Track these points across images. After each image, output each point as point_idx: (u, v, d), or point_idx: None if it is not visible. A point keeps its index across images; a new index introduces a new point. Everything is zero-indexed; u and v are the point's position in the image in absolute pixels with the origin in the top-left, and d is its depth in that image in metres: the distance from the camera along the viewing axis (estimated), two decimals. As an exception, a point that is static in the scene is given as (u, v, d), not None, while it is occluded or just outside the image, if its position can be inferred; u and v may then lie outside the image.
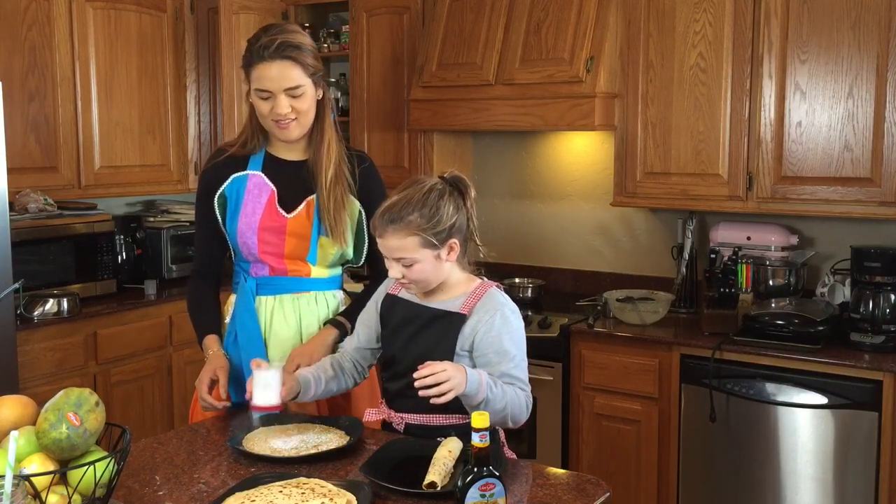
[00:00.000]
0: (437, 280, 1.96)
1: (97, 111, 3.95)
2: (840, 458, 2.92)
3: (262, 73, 2.15)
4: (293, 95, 2.17)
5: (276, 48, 2.13)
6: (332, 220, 2.23)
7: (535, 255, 4.17)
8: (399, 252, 1.90)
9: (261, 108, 2.19)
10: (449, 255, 1.94)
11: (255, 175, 2.28)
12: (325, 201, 2.23)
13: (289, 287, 2.29)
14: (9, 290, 2.25)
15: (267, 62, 2.13)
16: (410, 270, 1.92)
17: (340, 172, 2.26)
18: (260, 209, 2.25)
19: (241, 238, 2.27)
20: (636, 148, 3.49)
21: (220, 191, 2.29)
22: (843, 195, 3.10)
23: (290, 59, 2.14)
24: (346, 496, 1.63)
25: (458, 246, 1.94)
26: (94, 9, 3.93)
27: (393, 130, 4.12)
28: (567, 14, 3.48)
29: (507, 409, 1.88)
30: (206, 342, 2.29)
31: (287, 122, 2.19)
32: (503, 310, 1.94)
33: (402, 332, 2.01)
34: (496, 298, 1.97)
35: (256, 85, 2.16)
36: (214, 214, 2.30)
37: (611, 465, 3.35)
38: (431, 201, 1.90)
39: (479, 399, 1.82)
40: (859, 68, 3.03)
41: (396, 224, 1.88)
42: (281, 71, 2.14)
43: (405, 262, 1.91)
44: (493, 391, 1.84)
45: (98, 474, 1.47)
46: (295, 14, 4.44)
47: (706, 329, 3.21)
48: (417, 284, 1.96)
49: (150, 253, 4.24)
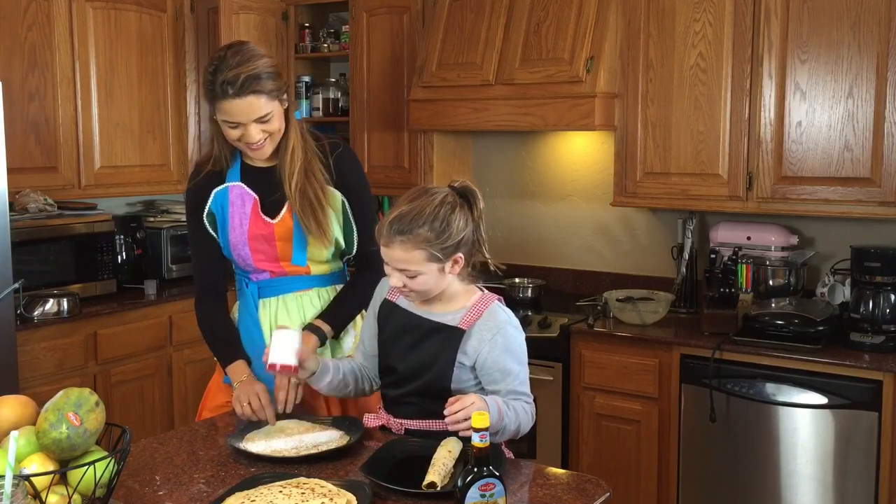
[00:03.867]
0: (438, 290, 1.95)
1: (97, 111, 3.95)
2: (840, 458, 2.92)
3: (228, 109, 2.11)
4: (262, 121, 2.14)
5: (240, 86, 2.07)
6: (308, 221, 2.21)
7: (535, 255, 4.17)
8: (403, 264, 1.87)
9: (230, 134, 2.16)
10: (452, 269, 1.91)
11: (235, 186, 2.27)
12: (296, 205, 2.21)
13: (290, 287, 2.29)
14: (9, 290, 2.25)
15: (232, 99, 2.08)
16: (413, 281, 1.90)
17: (312, 171, 2.23)
18: (246, 219, 2.24)
19: (234, 251, 2.27)
20: (636, 148, 3.49)
21: (207, 209, 2.28)
22: (843, 195, 3.10)
23: (255, 92, 2.09)
24: (346, 496, 1.63)
25: (463, 260, 1.91)
26: (94, 9, 3.93)
27: (393, 130, 4.12)
28: (567, 14, 3.48)
29: (519, 427, 1.89)
30: (234, 370, 2.22)
31: (260, 145, 2.17)
32: (505, 328, 1.93)
33: (401, 341, 2.00)
34: (498, 317, 1.94)
35: (224, 117, 2.13)
36: (208, 234, 2.30)
37: (611, 465, 3.35)
38: (443, 216, 1.86)
39: (498, 428, 1.81)
40: (859, 68, 3.03)
41: (405, 236, 1.84)
42: (249, 106, 2.10)
43: (409, 273, 1.89)
44: (508, 417, 1.84)
45: (98, 474, 1.47)
46: (295, 14, 4.44)
47: (706, 329, 3.21)
48: (418, 294, 1.94)
49: (150, 253, 4.24)
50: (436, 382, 1.93)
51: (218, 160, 2.28)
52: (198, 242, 2.32)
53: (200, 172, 2.30)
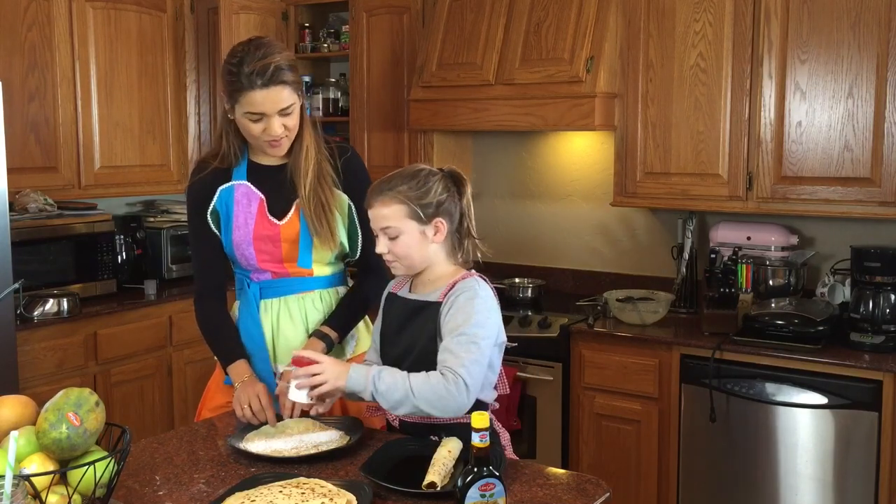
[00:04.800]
0: (423, 262, 1.96)
1: (97, 111, 3.96)
2: (840, 458, 2.92)
3: (255, 100, 2.10)
4: (285, 114, 2.14)
5: (270, 76, 2.08)
6: (318, 224, 2.20)
7: (535, 255, 4.17)
8: (385, 221, 1.92)
9: (252, 129, 2.15)
10: (435, 236, 1.94)
11: (241, 185, 2.25)
12: (307, 207, 2.20)
13: (292, 288, 2.28)
14: (9, 290, 2.25)
15: (260, 90, 2.08)
16: (395, 244, 1.93)
17: (322, 172, 2.23)
18: (252, 219, 2.23)
19: (237, 250, 2.25)
20: (636, 148, 3.49)
21: (212, 207, 2.26)
22: (843, 195, 3.10)
23: (282, 83, 2.11)
24: (346, 496, 1.63)
25: (445, 227, 1.94)
26: (94, 9, 3.93)
27: (393, 130, 4.12)
28: (567, 14, 3.48)
29: (410, 398, 1.80)
30: (236, 370, 2.21)
31: (279, 141, 2.18)
32: (469, 292, 1.91)
33: (392, 327, 2.02)
34: (469, 284, 1.94)
35: (248, 109, 2.12)
36: (211, 231, 2.28)
37: (611, 465, 3.35)
38: (422, 177, 1.95)
39: (368, 392, 1.83)
40: (859, 68, 3.03)
41: (385, 193, 1.92)
42: (276, 95, 2.10)
43: (390, 232, 1.92)
44: (383, 382, 1.82)
45: (98, 474, 1.47)
46: (295, 14, 4.44)
47: (706, 329, 3.21)
48: (402, 261, 1.96)
49: (150, 253, 4.24)
50: (422, 360, 1.92)
51: (226, 157, 2.26)
52: (199, 239, 2.30)
53: (205, 168, 2.27)
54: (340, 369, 1.85)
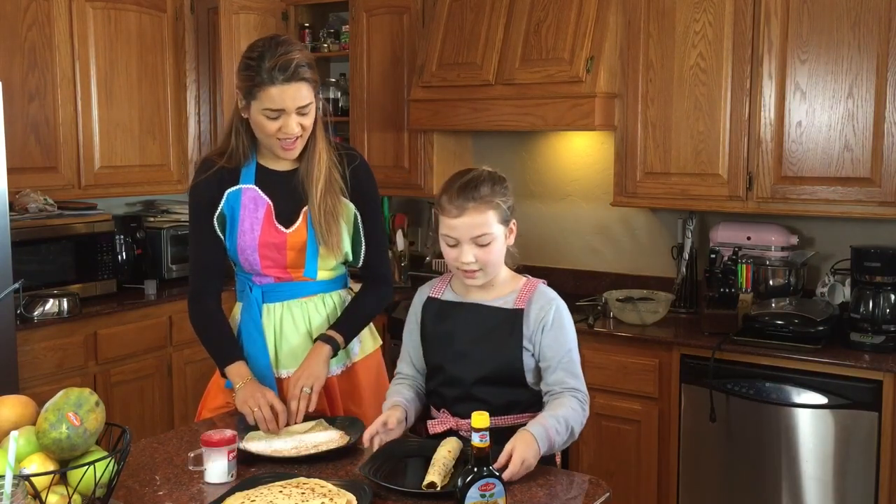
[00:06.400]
0: (499, 268, 1.95)
1: (97, 111, 3.96)
2: (840, 458, 2.92)
3: (275, 95, 2.06)
4: (302, 113, 2.12)
5: (292, 72, 2.06)
6: (325, 232, 2.17)
7: (535, 255, 4.16)
8: (479, 229, 1.87)
9: (267, 127, 2.10)
10: (509, 238, 1.94)
11: (249, 189, 2.20)
12: (316, 214, 2.17)
13: (295, 292, 2.25)
14: (9, 290, 2.24)
15: (281, 85, 2.05)
16: (485, 251, 1.89)
17: (331, 179, 2.20)
18: (258, 225, 2.18)
19: (242, 255, 2.21)
20: (636, 148, 3.49)
21: (219, 210, 2.21)
22: (843, 195, 3.10)
23: (303, 80, 2.09)
24: (346, 496, 1.63)
25: (516, 228, 1.95)
26: (94, 9, 3.93)
27: (393, 130, 4.12)
28: (567, 14, 3.48)
29: (572, 432, 1.89)
30: (235, 371, 2.16)
31: (293, 142, 2.14)
32: (556, 302, 1.96)
33: (458, 333, 1.97)
34: (548, 293, 1.98)
35: (267, 105, 2.07)
36: (216, 234, 2.22)
37: (611, 465, 3.35)
38: (496, 177, 1.92)
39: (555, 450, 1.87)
40: (859, 68, 3.03)
41: (476, 200, 1.86)
42: (296, 91, 2.08)
43: (482, 240, 1.88)
44: (558, 435, 1.84)
45: (98, 474, 1.47)
46: (295, 14, 4.44)
47: (706, 329, 3.21)
48: (486, 270, 1.92)
49: (150, 253, 4.24)
50: (504, 367, 1.92)
51: (234, 156, 2.20)
52: (201, 241, 2.24)
53: (210, 167, 2.21)
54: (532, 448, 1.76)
